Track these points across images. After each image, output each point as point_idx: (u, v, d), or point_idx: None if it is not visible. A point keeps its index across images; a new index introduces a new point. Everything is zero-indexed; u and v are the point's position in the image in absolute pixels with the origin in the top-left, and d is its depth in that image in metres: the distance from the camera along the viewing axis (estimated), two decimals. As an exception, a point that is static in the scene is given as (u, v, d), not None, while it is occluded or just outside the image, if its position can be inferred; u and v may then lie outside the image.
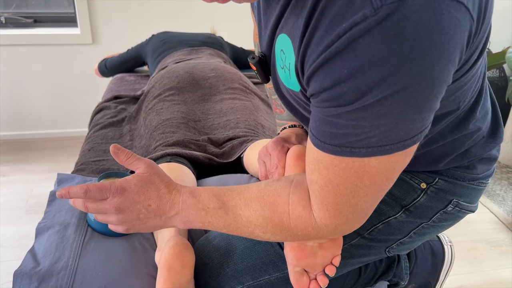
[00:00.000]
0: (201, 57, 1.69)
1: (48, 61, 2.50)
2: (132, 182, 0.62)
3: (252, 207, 0.62)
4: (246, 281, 0.78)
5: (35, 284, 0.72)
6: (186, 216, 0.63)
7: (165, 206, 0.63)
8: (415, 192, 0.73)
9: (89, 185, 0.61)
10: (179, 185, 0.66)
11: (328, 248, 0.70)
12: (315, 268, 0.70)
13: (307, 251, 0.70)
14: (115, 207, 0.61)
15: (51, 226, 0.84)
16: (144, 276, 0.78)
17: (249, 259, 0.78)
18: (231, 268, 0.77)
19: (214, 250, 0.79)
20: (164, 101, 1.39)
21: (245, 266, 0.77)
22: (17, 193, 2.17)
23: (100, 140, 1.38)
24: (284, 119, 0.88)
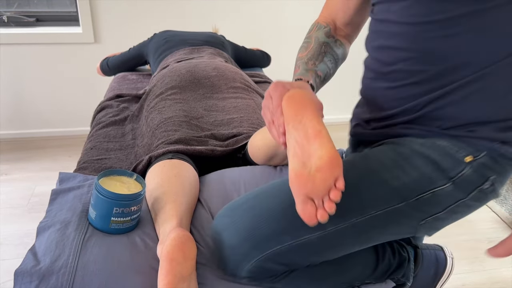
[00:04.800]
0: (202, 56, 1.69)
1: (50, 60, 2.51)
2: None
3: None
4: (285, 241, 0.76)
5: (35, 282, 0.73)
6: None
7: None
8: (461, 165, 0.77)
9: None
10: None
11: (327, 170, 0.68)
12: (319, 193, 0.68)
13: (305, 177, 0.68)
14: None
15: (52, 224, 0.84)
16: (146, 270, 0.78)
17: (288, 218, 0.76)
18: (269, 228, 0.76)
19: (247, 212, 0.78)
20: (166, 99, 1.39)
21: (284, 226, 0.76)
22: (19, 192, 2.17)
23: (102, 138, 1.38)
24: (296, 76, 0.91)
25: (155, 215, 0.89)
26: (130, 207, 0.85)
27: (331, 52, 0.96)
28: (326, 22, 0.99)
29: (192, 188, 0.98)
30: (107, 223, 0.84)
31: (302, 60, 0.93)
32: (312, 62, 0.92)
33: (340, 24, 1.00)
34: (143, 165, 1.12)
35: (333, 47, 0.96)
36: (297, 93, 0.75)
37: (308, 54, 0.93)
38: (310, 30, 1.00)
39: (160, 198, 0.91)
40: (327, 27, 0.98)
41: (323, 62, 0.93)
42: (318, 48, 0.94)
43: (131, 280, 0.76)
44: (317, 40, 0.96)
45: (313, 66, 0.91)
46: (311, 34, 0.98)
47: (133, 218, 0.86)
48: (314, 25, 1.00)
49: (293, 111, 0.72)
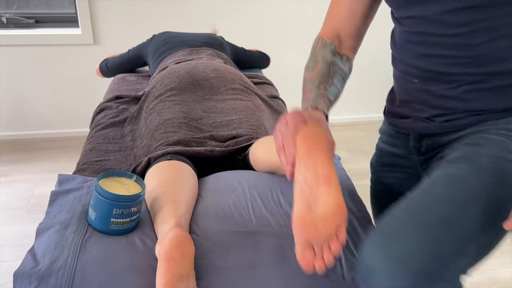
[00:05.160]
0: (201, 57, 1.69)
1: (49, 61, 2.51)
2: None
3: None
4: (471, 252, 0.67)
5: (34, 283, 0.73)
6: None
7: None
8: None
9: None
10: None
11: (331, 218, 0.67)
12: (319, 240, 0.68)
13: (308, 222, 0.68)
14: None
15: (52, 226, 0.84)
16: (145, 269, 0.78)
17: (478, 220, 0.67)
18: (452, 242, 0.64)
19: (414, 234, 0.66)
20: (165, 101, 1.39)
21: (473, 230, 0.66)
22: (19, 193, 2.17)
23: (102, 140, 1.39)
24: (309, 101, 0.90)
25: (154, 215, 0.89)
26: (130, 208, 0.85)
27: (340, 72, 0.95)
28: (330, 38, 0.97)
29: (191, 188, 0.98)
30: (107, 224, 0.84)
31: (313, 83, 0.92)
32: (323, 86, 0.91)
33: (345, 36, 0.98)
34: (142, 166, 1.12)
35: (340, 66, 0.96)
36: (313, 131, 0.75)
37: (318, 76, 0.93)
38: (315, 46, 0.99)
39: (158, 198, 0.91)
40: (332, 44, 0.96)
41: (334, 84, 0.93)
42: (327, 69, 0.93)
43: (130, 280, 0.76)
44: (325, 59, 0.95)
45: (324, 90, 0.91)
46: (317, 52, 0.97)
47: (133, 219, 0.87)
48: (318, 41, 0.99)
49: (307, 149, 0.73)
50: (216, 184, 1.05)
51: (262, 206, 0.94)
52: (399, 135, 1.01)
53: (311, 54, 0.98)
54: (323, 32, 1.00)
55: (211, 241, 0.86)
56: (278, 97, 1.73)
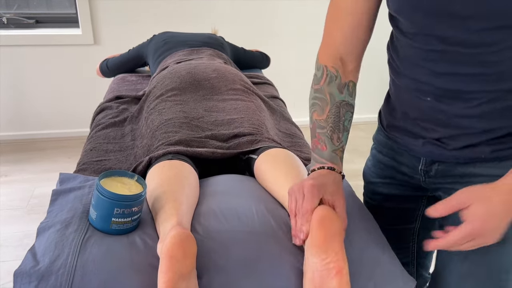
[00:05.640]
0: (202, 57, 1.69)
1: (49, 61, 2.51)
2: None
3: None
4: None
5: (34, 283, 0.72)
6: None
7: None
8: None
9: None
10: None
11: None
12: None
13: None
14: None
15: (52, 225, 0.84)
16: (146, 268, 0.77)
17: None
18: None
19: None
20: (166, 101, 1.38)
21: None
22: (19, 193, 2.17)
23: (102, 140, 1.38)
24: (324, 157, 0.88)
25: (155, 214, 0.89)
26: (131, 208, 0.84)
27: (349, 110, 0.91)
28: (334, 65, 0.90)
29: (192, 188, 0.98)
30: (108, 224, 0.84)
31: (325, 134, 0.88)
32: (336, 136, 0.88)
33: (349, 58, 0.91)
34: (143, 166, 1.12)
35: (349, 102, 0.91)
36: (330, 217, 0.78)
37: (328, 121, 0.88)
38: (319, 78, 0.91)
39: (160, 197, 0.91)
40: (338, 77, 0.90)
41: (345, 131, 0.90)
42: (337, 113, 0.89)
43: (131, 279, 0.76)
44: (333, 100, 0.89)
45: (338, 142, 0.89)
46: (323, 89, 0.90)
47: (134, 219, 0.86)
48: (322, 72, 0.91)
49: (322, 239, 0.76)
50: (219, 185, 1.05)
51: (264, 209, 0.94)
52: (404, 153, 0.96)
53: (316, 89, 0.91)
54: (325, 57, 0.91)
55: (213, 240, 0.86)
56: (278, 97, 1.73)
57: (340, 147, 0.89)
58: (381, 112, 1.03)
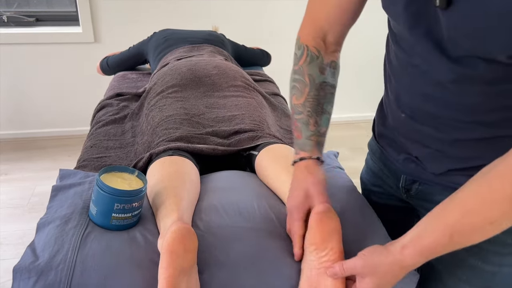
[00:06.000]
0: (202, 54, 1.68)
1: (50, 59, 2.50)
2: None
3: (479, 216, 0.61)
4: None
5: (34, 278, 0.72)
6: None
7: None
8: None
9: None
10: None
11: None
12: None
13: None
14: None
15: (52, 221, 0.83)
16: (146, 264, 0.77)
17: None
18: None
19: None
20: (167, 98, 1.38)
21: None
22: (19, 192, 2.17)
23: (102, 137, 1.38)
24: (298, 146, 0.86)
25: (156, 210, 0.88)
26: (132, 203, 0.84)
27: (330, 91, 0.86)
28: (316, 45, 0.85)
29: (193, 184, 0.97)
30: (108, 219, 0.83)
31: (302, 120, 0.84)
32: (314, 121, 0.84)
33: (332, 37, 0.85)
34: (144, 162, 1.11)
35: (330, 83, 0.86)
36: (327, 216, 0.77)
37: (307, 104, 0.84)
38: (299, 57, 0.86)
39: (160, 193, 0.90)
40: (319, 57, 0.85)
41: (324, 113, 0.85)
42: (316, 95, 0.84)
43: (131, 274, 0.75)
44: (313, 81, 0.84)
45: (316, 126, 0.84)
46: (303, 69, 0.85)
47: (134, 214, 0.86)
48: (303, 51, 0.86)
49: (320, 236, 0.76)
50: (220, 181, 1.04)
51: (266, 205, 0.93)
52: (389, 165, 0.93)
53: (296, 70, 0.87)
54: (306, 35, 0.86)
55: (215, 236, 0.85)
56: (279, 94, 1.72)
57: (317, 131, 0.85)
58: (375, 119, 0.98)
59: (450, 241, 0.63)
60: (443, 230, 0.63)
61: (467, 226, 0.62)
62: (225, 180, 1.05)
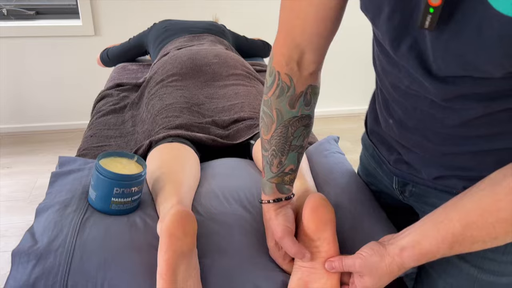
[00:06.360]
0: (203, 43, 1.67)
1: (50, 53, 2.50)
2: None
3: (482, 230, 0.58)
4: None
5: (33, 262, 0.71)
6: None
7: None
8: None
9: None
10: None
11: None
12: None
13: None
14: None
15: (51, 206, 0.83)
16: (146, 248, 0.76)
17: None
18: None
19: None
20: (167, 86, 1.37)
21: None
22: (21, 185, 2.17)
23: (102, 126, 1.37)
24: (261, 186, 0.83)
25: (155, 195, 0.88)
26: (131, 188, 0.83)
27: (303, 124, 0.78)
28: (288, 71, 0.74)
29: (193, 170, 0.96)
30: (108, 204, 0.82)
31: (266, 157, 0.80)
32: (277, 161, 0.79)
33: (312, 56, 0.73)
34: (143, 149, 1.10)
35: (304, 114, 0.77)
36: (322, 206, 0.76)
37: (272, 142, 0.78)
38: (269, 86, 0.76)
39: (160, 178, 0.89)
40: (291, 88, 0.74)
41: (293, 149, 0.79)
42: (284, 133, 0.77)
43: (130, 259, 0.74)
44: (280, 118, 0.76)
45: (279, 167, 0.79)
46: (270, 102, 0.76)
47: (134, 199, 0.85)
48: (273, 78, 0.75)
49: (314, 227, 0.75)
50: (219, 168, 1.03)
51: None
52: (382, 164, 0.89)
53: (265, 101, 0.78)
54: (280, 56, 0.74)
55: (216, 222, 0.85)
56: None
57: (281, 172, 0.80)
58: (367, 114, 0.93)
59: (449, 249, 0.61)
60: (443, 239, 0.61)
61: (468, 238, 0.60)
62: (224, 166, 1.04)
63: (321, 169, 1.01)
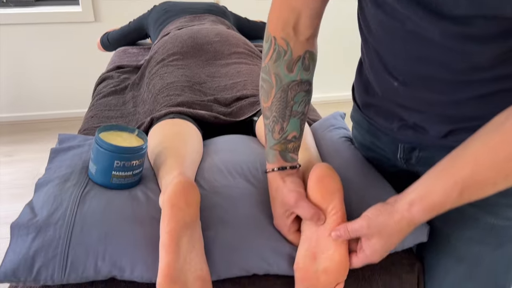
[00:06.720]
0: (204, 23, 1.64)
1: (49, 40, 2.47)
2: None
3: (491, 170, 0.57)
4: None
5: (32, 234, 0.69)
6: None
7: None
8: None
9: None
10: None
11: (332, 274, 0.71)
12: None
13: (310, 274, 0.71)
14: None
15: (51, 180, 0.81)
16: (147, 220, 0.74)
17: None
18: None
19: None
20: (168, 65, 1.34)
21: None
22: (24, 172, 2.16)
23: (103, 107, 1.35)
24: (265, 157, 0.81)
25: (157, 169, 0.85)
26: (131, 161, 0.81)
27: (302, 89, 0.76)
28: (284, 36, 0.73)
29: (195, 145, 0.94)
30: (108, 178, 0.80)
31: (268, 125, 0.78)
32: (279, 128, 0.77)
33: (308, 20, 0.72)
34: (145, 127, 1.08)
35: (303, 79, 0.76)
36: (328, 175, 0.74)
37: (273, 108, 0.76)
38: (266, 52, 0.76)
39: (161, 153, 0.87)
40: (287, 51, 0.73)
41: (294, 115, 0.77)
42: (283, 97, 0.75)
43: (132, 231, 0.72)
44: (279, 82, 0.75)
45: (281, 133, 0.77)
46: (268, 67, 0.76)
47: (135, 173, 0.83)
48: (269, 43, 0.75)
49: (320, 196, 0.73)
50: (222, 144, 1.01)
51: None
52: (381, 136, 0.86)
53: (263, 68, 0.77)
54: (276, 19, 0.74)
55: (219, 195, 0.82)
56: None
57: (283, 139, 0.77)
58: (354, 87, 0.90)
59: (460, 197, 0.59)
60: (453, 187, 0.59)
61: (479, 182, 0.58)
62: (227, 143, 1.02)
63: (326, 142, 0.99)
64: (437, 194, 0.60)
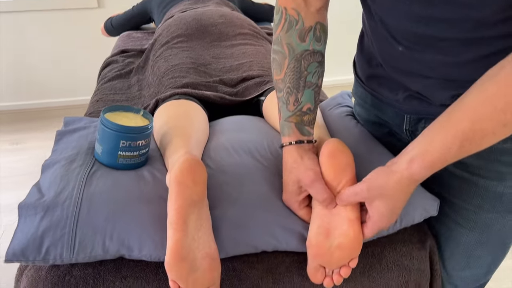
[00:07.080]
0: (208, 5, 1.63)
1: (52, 26, 2.46)
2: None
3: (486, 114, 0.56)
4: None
5: (40, 214, 0.69)
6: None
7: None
8: None
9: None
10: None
11: (347, 250, 0.70)
12: (331, 266, 0.72)
13: (324, 250, 0.71)
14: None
15: (57, 161, 0.81)
16: (154, 199, 0.74)
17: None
18: None
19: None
20: (173, 48, 1.33)
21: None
22: (33, 160, 2.17)
23: (108, 91, 1.35)
24: (280, 130, 0.79)
25: (164, 149, 0.85)
26: (137, 141, 0.80)
27: (315, 59, 0.76)
28: (295, 6, 0.73)
29: (201, 125, 0.93)
30: (115, 158, 0.80)
31: (282, 97, 0.76)
32: (294, 99, 0.75)
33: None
34: (150, 108, 1.08)
35: (315, 49, 0.76)
36: (339, 150, 0.73)
37: (286, 80, 0.75)
38: (277, 24, 0.76)
39: (167, 133, 0.87)
40: (299, 21, 0.74)
41: (308, 86, 0.76)
42: (297, 67, 0.75)
43: (140, 210, 0.72)
44: (292, 52, 0.74)
45: (296, 105, 0.76)
46: (280, 39, 0.75)
47: (141, 153, 0.82)
48: (280, 15, 0.75)
49: (332, 171, 0.72)
50: (229, 124, 1.00)
51: (277, 145, 0.89)
52: (386, 109, 0.85)
53: (275, 40, 0.77)
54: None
55: (226, 173, 0.82)
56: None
57: (298, 110, 0.76)
58: (356, 61, 0.89)
59: (460, 150, 0.59)
60: (453, 140, 0.59)
61: (478, 133, 0.57)
62: (233, 123, 1.01)
63: (334, 119, 0.98)
64: (437, 148, 0.60)
